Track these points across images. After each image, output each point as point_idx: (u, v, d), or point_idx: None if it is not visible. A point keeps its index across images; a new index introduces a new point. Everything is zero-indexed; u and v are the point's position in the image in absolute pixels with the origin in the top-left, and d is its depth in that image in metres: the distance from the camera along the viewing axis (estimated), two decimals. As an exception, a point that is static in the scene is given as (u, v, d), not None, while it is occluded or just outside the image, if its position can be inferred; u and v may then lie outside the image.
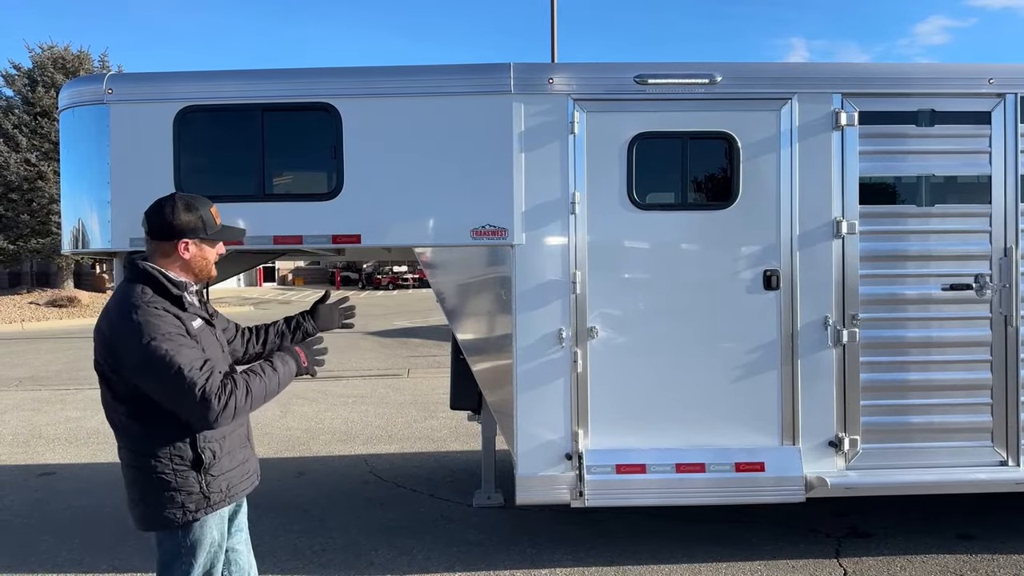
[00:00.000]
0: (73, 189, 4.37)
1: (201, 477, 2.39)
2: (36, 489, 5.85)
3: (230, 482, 2.48)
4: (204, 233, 2.47)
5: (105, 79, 4.17)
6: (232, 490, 2.49)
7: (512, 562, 4.26)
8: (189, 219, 2.44)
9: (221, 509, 2.48)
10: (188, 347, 2.30)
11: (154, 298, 2.36)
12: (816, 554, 4.29)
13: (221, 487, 2.44)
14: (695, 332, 4.15)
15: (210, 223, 2.49)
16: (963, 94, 4.17)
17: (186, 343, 2.31)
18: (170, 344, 2.26)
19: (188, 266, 2.48)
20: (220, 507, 2.46)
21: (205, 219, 2.47)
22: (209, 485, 2.41)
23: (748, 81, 4.15)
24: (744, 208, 4.12)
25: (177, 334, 2.30)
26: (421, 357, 13.09)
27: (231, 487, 2.48)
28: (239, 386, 2.31)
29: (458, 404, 4.91)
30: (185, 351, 2.28)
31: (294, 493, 5.55)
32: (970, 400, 4.21)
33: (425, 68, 4.20)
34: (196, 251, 2.47)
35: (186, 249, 2.45)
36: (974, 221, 4.20)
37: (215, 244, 2.54)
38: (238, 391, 2.30)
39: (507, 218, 4.06)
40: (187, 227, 2.44)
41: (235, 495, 2.51)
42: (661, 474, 4.06)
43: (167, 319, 2.32)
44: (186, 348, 2.29)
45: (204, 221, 2.47)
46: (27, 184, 24.40)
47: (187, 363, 2.25)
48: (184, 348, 2.29)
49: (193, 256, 2.47)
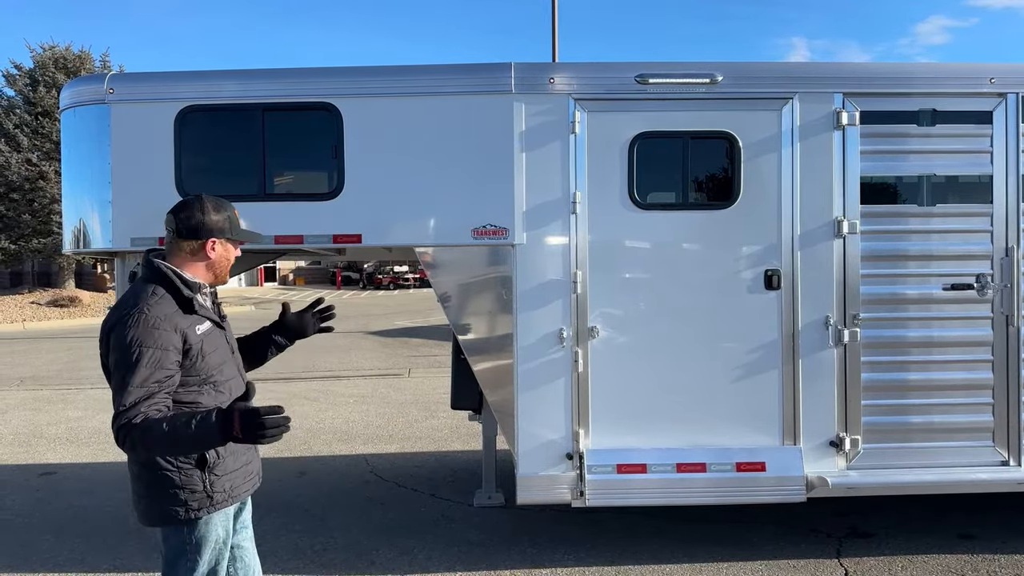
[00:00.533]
0: (74, 189, 4.38)
1: (205, 476, 2.40)
2: (37, 489, 5.85)
3: (233, 482, 2.49)
4: (231, 233, 2.51)
5: (106, 79, 4.17)
6: (235, 490, 2.50)
7: (513, 562, 4.26)
8: (219, 219, 2.48)
9: (226, 508, 2.49)
10: (157, 368, 2.27)
11: (164, 300, 2.36)
12: (817, 554, 4.28)
13: (225, 487, 2.45)
14: (696, 332, 4.15)
15: (235, 224, 2.54)
16: (964, 94, 4.17)
17: (160, 365, 2.27)
18: (146, 354, 2.26)
19: (212, 266, 2.51)
20: (224, 506, 2.47)
21: (232, 220, 2.52)
22: (213, 484, 2.42)
23: (749, 81, 4.14)
24: (745, 208, 4.12)
25: (161, 349, 2.28)
26: (422, 357, 13.09)
27: (234, 487, 2.49)
28: (145, 433, 2.22)
29: (459, 404, 4.91)
30: (146, 371, 2.25)
31: (295, 493, 5.55)
32: (971, 400, 4.20)
33: (426, 68, 4.20)
34: (222, 251, 2.51)
35: (213, 248, 2.48)
36: (975, 221, 4.19)
37: (237, 245, 2.58)
38: (136, 435, 2.22)
39: (508, 218, 4.06)
40: (216, 226, 2.47)
41: (238, 495, 2.52)
42: (662, 474, 4.06)
43: (163, 333, 2.30)
44: (154, 369, 2.26)
45: (231, 221, 2.52)
46: (28, 184, 24.41)
47: (138, 379, 2.24)
48: (153, 369, 2.26)
49: (219, 256, 2.51)
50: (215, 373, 2.45)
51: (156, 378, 2.27)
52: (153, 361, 2.28)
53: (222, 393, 2.47)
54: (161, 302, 2.36)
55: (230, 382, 2.52)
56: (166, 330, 2.31)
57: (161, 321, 2.32)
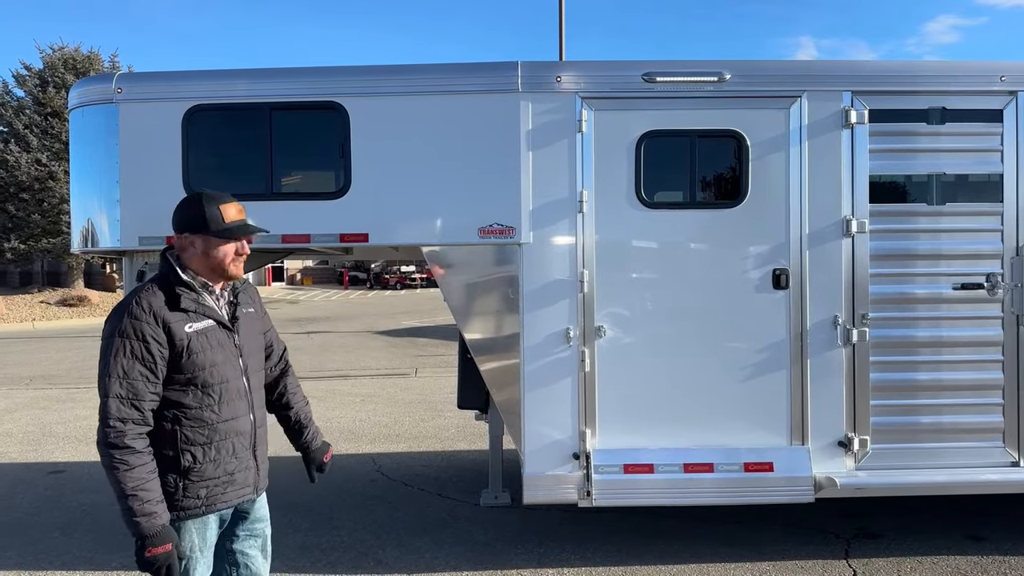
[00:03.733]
0: (83, 188, 4.39)
1: (179, 479, 2.35)
2: (46, 487, 5.88)
3: (211, 490, 2.40)
4: (205, 229, 2.42)
5: (114, 78, 4.19)
6: (213, 499, 2.41)
7: (519, 561, 4.26)
8: (194, 214, 2.43)
9: (205, 516, 2.42)
10: (137, 362, 2.27)
11: (155, 294, 2.36)
12: (825, 555, 4.26)
13: (199, 493, 2.38)
14: (703, 331, 4.13)
15: (213, 219, 2.42)
16: (974, 92, 4.14)
17: (140, 358, 2.28)
18: (126, 345, 2.27)
19: (202, 262, 2.45)
20: (196, 514, 2.39)
21: (208, 215, 2.42)
22: (186, 489, 2.35)
23: (757, 79, 4.13)
24: (753, 207, 4.10)
25: (140, 340, 2.28)
26: (428, 356, 13.09)
27: (211, 495, 2.40)
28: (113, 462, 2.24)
29: (465, 403, 4.90)
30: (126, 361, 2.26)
31: (302, 491, 5.55)
32: (981, 400, 4.17)
33: (433, 67, 4.20)
34: (202, 246, 2.44)
35: (192, 243, 2.44)
36: (985, 220, 4.16)
37: (226, 241, 2.46)
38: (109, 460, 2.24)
39: (515, 217, 4.05)
40: (191, 221, 2.43)
41: (215, 505, 2.42)
42: (669, 474, 4.04)
43: (144, 325, 2.29)
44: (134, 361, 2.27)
45: (207, 217, 2.42)
46: (38, 184, 24.57)
47: (118, 371, 2.26)
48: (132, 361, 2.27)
49: (201, 251, 2.44)
50: (202, 373, 2.37)
51: (136, 375, 2.27)
52: (133, 353, 2.27)
53: (210, 396, 2.39)
54: (152, 296, 2.35)
55: (223, 385, 2.42)
56: (147, 322, 2.30)
57: (144, 313, 2.31)
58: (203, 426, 2.39)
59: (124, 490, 2.23)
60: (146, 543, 2.25)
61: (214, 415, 2.41)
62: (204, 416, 2.39)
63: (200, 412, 2.38)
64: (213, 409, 2.41)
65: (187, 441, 2.36)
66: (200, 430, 2.38)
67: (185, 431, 2.36)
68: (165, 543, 2.27)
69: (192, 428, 2.37)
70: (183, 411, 2.36)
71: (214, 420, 2.40)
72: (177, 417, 2.36)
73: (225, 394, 2.43)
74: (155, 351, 2.30)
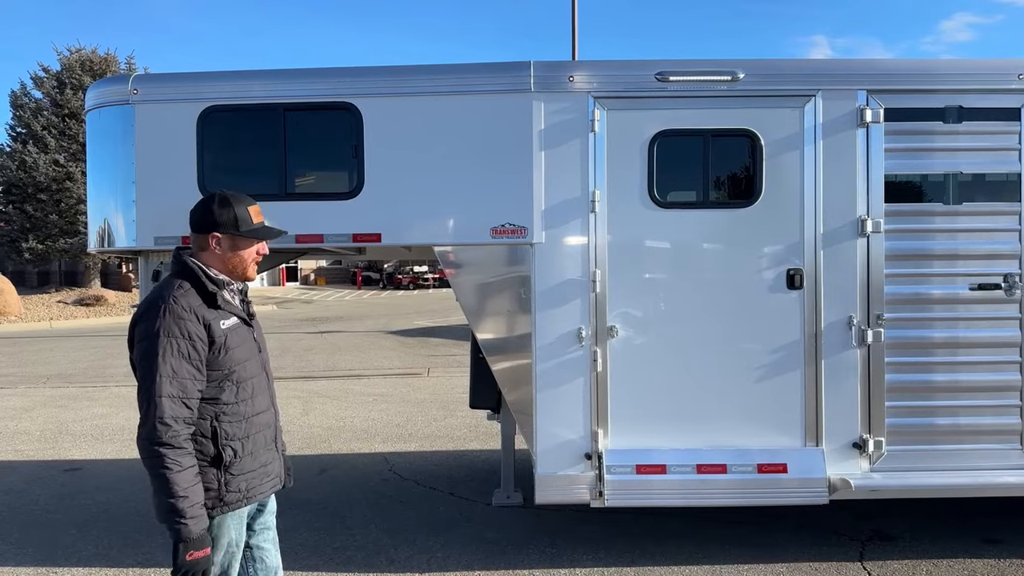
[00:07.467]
0: (99, 188, 4.44)
1: (220, 474, 2.39)
2: (62, 484, 5.94)
3: (249, 483, 2.47)
4: (235, 229, 2.48)
5: (130, 80, 4.22)
6: (251, 491, 2.48)
7: (531, 561, 4.26)
8: (221, 213, 2.47)
9: (240, 510, 2.47)
10: (184, 360, 2.30)
11: (189, 292, 2.39)
12: (840, 557, 4.23)
13: (240, 487, 2.44)
14: (716, 332, 4.11)
15: (243, 220, 2.49)
16: (991, 90, 4.09)
17: (187, 356, 2.30)
18: (173, 344, 2.29)
19: (223, 262, 2.50)
20: (237, 507, 2.45)
21: (238, 215, 2.48)
22: (228, 484, 2.40)
23: (771, 78, 4.10)
24: (767, 206, 4.08)
25: (187, 339, 2.31)
26: (441, 356, 13.11)
27: (250, 488, 2.47)
28: (179, 459, 2.26)
29: (478, 403, 4.91)
30: (174, 361, 2.28)
31: (315, 490, 5.58)
32: (998, 402, 4.13)
33: (445, 67, 4.21)
34: (228, 246, 2.49)
35: (217, 244, 2.48)
36: (1003, 219, 4.12)
37: (250, 242, 2.52)
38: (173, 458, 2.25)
39: (527, 217, 4.05)
40: (218, 221, 2.47)
41: (253, 496, 2.50)
42: (682, 475, 4.03)
43: (188, 323, 2.32)
44: (181, 360, 2.29)
45: (237, 217, 2.48)
46: (55, 185, 24.84)
47: (167, 371, 2.27)
48: (180, 360, 2.29)
49: (225, 251, 2.49)
50: (238, 368, 2.45)
51: (184, 374, 2.29)
52: (180, 352, 2.30)
53: (244, 390, 2.47)
54: (187, 295, 2.38)
55: (252, 380, 2.51)
56: (191, 320, 2.34)
57: (186, 312, 2.34)
58: (240, 420, 2.45)
59: (175, 491, 2.25)
60: (189, 546, 2.27)
61: (249, 409, 2.48)
62: (241, 411, 2.45)
63: (237, 407, 2.44)
64: (248, 403, 2.48)
65: (227, 436, 2.41)
66: (238, 424, 2.44)
67: (224, 426, 2.41)
68: (205, 547, 2.31)
69: (231, 423, 2.43)
70: (221, 407, 2.41)
71: (249, 414, 2.47)
72: (216, 413, 2.40)
73: (255, 388, 2.51)
74: (200, 349, 2.35)
